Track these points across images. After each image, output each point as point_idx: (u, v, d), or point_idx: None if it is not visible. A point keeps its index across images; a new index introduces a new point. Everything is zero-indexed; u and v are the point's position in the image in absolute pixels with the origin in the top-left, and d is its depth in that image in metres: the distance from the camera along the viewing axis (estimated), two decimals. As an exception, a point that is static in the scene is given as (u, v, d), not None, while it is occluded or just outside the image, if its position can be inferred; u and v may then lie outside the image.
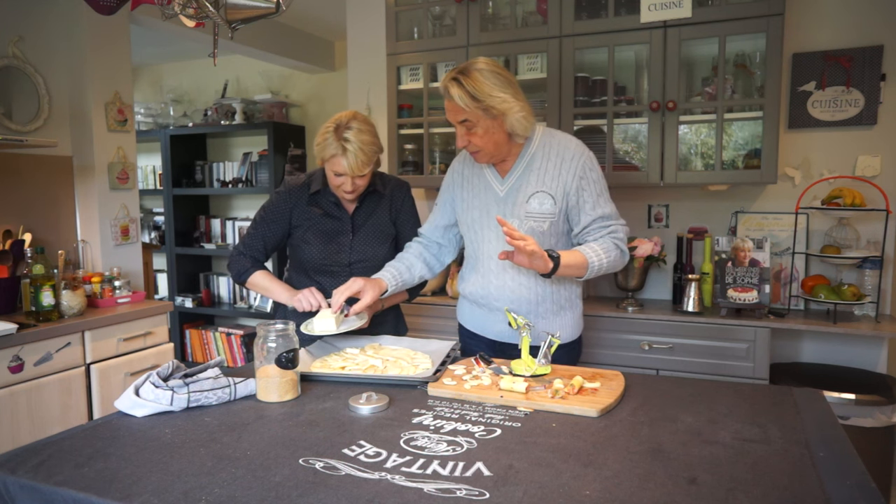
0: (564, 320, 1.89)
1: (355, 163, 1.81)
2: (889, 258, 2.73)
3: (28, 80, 2.96)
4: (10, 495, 1.06)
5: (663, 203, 3.08)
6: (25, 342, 2.41)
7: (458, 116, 1.73)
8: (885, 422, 2.37)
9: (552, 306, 1.86)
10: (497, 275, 1.86)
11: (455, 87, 1.69)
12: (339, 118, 1.85)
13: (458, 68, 1.74)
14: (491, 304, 1.89)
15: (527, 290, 1.84)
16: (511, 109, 1.70)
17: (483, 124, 1.72)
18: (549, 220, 1.79)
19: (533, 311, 1.85)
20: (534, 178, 1.81)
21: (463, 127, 1.74)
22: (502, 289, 1.85)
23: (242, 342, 4.70)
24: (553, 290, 1.85)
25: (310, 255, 1.98)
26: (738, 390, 1.50)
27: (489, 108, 1.69)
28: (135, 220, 3.38)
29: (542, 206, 1.79)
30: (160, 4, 1.87)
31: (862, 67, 2.69)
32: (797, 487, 1.00)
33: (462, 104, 1.69)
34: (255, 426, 1.28)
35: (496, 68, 1.72)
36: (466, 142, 1.76)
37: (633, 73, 2.99)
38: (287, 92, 4.77)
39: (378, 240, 2.02)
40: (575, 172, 1.78)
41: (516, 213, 1.81)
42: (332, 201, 1.98)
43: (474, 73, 1.69)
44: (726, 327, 2.59)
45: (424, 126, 3.11)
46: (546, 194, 1.79)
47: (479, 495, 0.98)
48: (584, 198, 1.79)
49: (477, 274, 1.91)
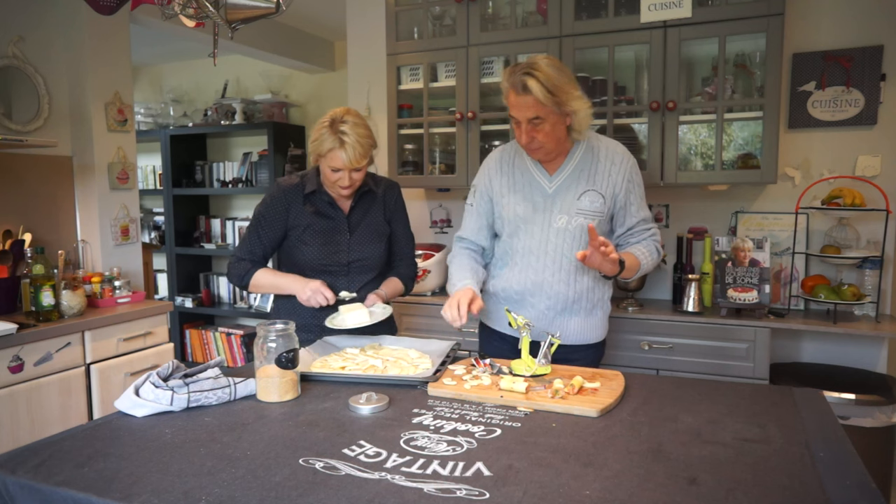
0: (595, 319, 1.93)
1: (353, 155, 1.82)
2: (889, 258, 2.73)
3: (28, 80, 2.96)
4: (10, 495, 1.06)
5: (663, 203, 3.08)
6: (25, 342, 2.41)
7: (530, 112, 1.71)
8: (885, 422, 2.37)
9: (587, 304, 1.90)
10: (536, 270, 1.87)
11: (533, 81, 1.67)
12: (334, 114, 1.87)
13: (525, 64, 1.72)
14: (526, 299, 1.89)
15: (566, 286, 1.86)
16: (582, 107, 1.75)
17: (552, 120, 1.73)
18: (597, 217, 1.84)
19: (569, 308, 1.88)
20: (584, 177, 1.85)
21: (530, 124, 1.73)
22: (541, 284, 1.87)
23: (242, 342, 4.70)
24: (589, 288, 1.89)
25: (308, 256, 1.98)
26: (738, 390, 1.50)
27: (563, 104, 1.71)
28: (135, 220, 3.38)
29: (592, 205, 1.84)
30: (160, 4, 1.87)
31: (862, 67, 2.69)
32: (797, 487, 1.00)
33: (542, 98, 1.67)
34: (255, 426, 1.28)
35: (562, 65, 1.75)
36: (531, 138, 1.76)
37: (633, 73, 2.99)
38: (287, 92, 4.77)
39: (374, 239, 2.03)
40: (624, 175, 1.85)
41: (566, 210, 1.84)
42: (326, 201, 1.98)
43: (545, 68, 1.69)
44: (726, 327, 2.59)
45: (424, 126, 3.11)
46: (597, 193, 1.84)
47: (479, 495, 0.98)
48: (631, 200, 1.87)
49: (513, 269, 1.91)
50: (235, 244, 4.78)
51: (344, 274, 1.99)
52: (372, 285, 2.04)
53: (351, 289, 1.98)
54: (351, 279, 2.00)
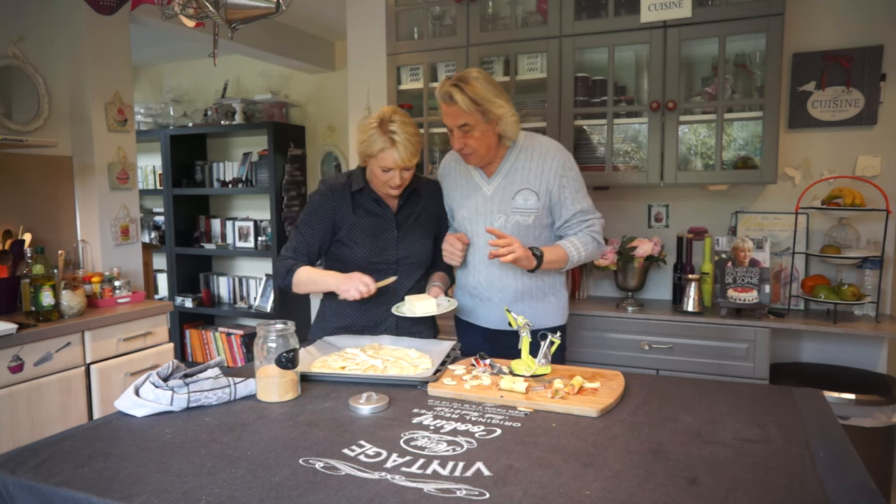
0: (549, 306, 2.06)
1: (405, 154, 1.83)
2: (889, 258, 2.73)
3: (28, 80, 2.96)
4: (10, 495, 1.06)
5: (663, 203, 3.08)
6: (25, 342, 2.41)
7: (458, 121, 1.90)
8: (885, 422, 2.37)
9: (537, 293, 2.04)
10: (486, 267, 2.03)
11: (458, 93, 1.86)
12: (382, 114, 1.87)
13: (455, 77, 1.91)
14: (482, 294, 2.06)
15: (512, 279, 2.02)
16: (506, 115, 1.90)
17: (480, 128, 1.90)
18: (533, 214, 1.98)
19: (519, 298, 2.02)
20: (519, 177, 1.99)
21: (460, 131, 1.91)
22: (491, 279, 2.03)
23: (242, 342, 4.70)
24: (536, 279, 2.02)
25: (357, 255, 1.96)
26: (738, 390, 1.50)
27: (487, 111, 1.88)
28: (135, 220, 3.38)
29: (526, 202, 1.97)
30: (160, 4, 1.87)
31: (862, 67, 2.69)
32: (797, 487, 1.00)
33: (465, 108, 1.86)
34: (255, 426, 1.28)
35: (489, 77, 1.93)
36: (463, 144, 1.93)
37: (633, 73, 2.99)
38: (287, 92, 4.76)
39: (422, 236, 2.04)
40: (556, 171, 1.97)
41: (503, 210, 1.99)
42: (373, 199, 1.98)
43: (472, 81, 1.88)
44: (726, 327, 2.59)
45: (424, 126, 3.11)
46: (530, 191, 1.97)
47: (479, 495, 0.98)
48: (565, 194, 1.98)
49: (469, 267, 2.08)
50: (236, 244, 4.79)
51: (392, 272, 1.98)
52: (422, 282, 2.06)
53: (400, 287, 1.97)
54: (400, 277, 1.99)
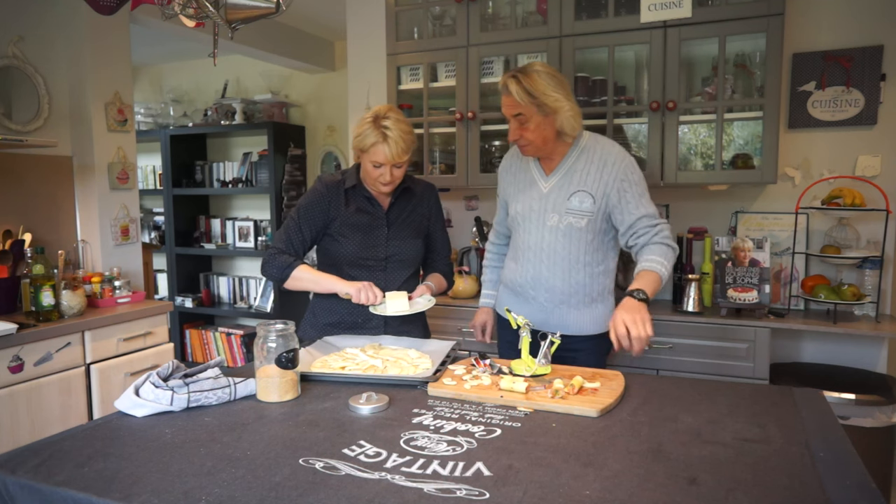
0: (595, 312, 1.99)
1: (395, 150, 1.84)
2: (889, 258, 2.73)
3: (28, 80, 2.96)
4: (10, 495, 1.06)
5: (663, 203, 3.08)
6: (25, 342, 2.41)
7: (513, 110, 1.88)
8: (885, 422, 2.37)
9: (584, 298, 1.97)
10: (534, 265, 1.98)
11: (513, 83, 1.85)
12: (377, 110, 1.90)
13: (517, 68, 1.91)
14: (527, 292, 2.01)
15: (560, 280, 1.96)
16: (562, 108, 1.86)
17: (535, 120, 1.87)
18: (587, 217, 1.92)
19: (566, 301, 1.97)
20: (577, 177, 1.94)
21: (516, 121, 1.89)
22: (538, 278, 1.98)
23: (242, 342, 4.70)
24: (585, 283, 1.96)
25: (346, 250, 1.98)
26: (738, 390, 1.50)
27: (543, 104, 1.84)
28: (135, 220, 3.38)
29: (581, 204, 1.92)
30: (160, 4, 1.87)
31: (862, 67, 2.69)
32: (797, 487, 1.00)
33: (518, 99, 1.84)
34: (255, 426, 1.28)
35: (552, 71, 1.89)
36: (518, 135, 1.91)
37: (633, 73, 2.99)
38: (287, 92, 4.76)
39: (412, 235, 2.04)
40: (616, 175, 1.90)
41: (557, 209, 1.95)
42: (366, 197, 2.00)
43: (532, 73, 1.86)
44: (726, 327, 2.59)
45: (424, 126, 3.10)
46: (586, 193, 1.92)
47: (479, 495, 0.98)
48: (627, 199, 1.90)
49: (517, 263, 2.05)
50: (236, 244, 4.78)
51: (381, 269, 1.99)
52: (410, 282, 2.06)
53: (388, 284, 1.98)
54: (388, 274, 2.00)
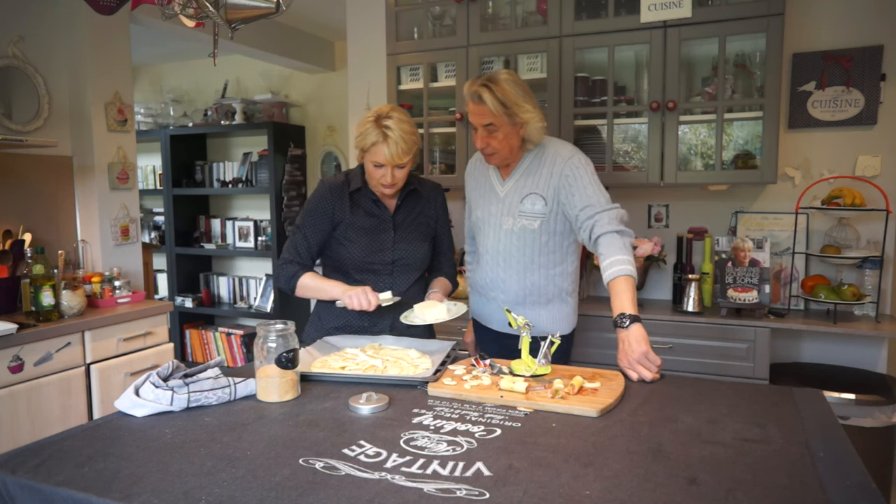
0: (552, 312, 2.02)
1: (396, 150, 1.81)
2: (889, 258, 2.73)
3: (28, 80, 2.96)
4: (10, 495, 1.06)
5: (663, 203, 3.08)
6: (25, 342, 2.41)
7: (484, 120, 1.88)
8: (885, 422, 2.37)
9: (539, 298, 2.01)
10: (492, 268, 2.04)
11: (487, 93, 1.84)
12: (379, 110, 1.87)
13: (484, 77, 1.89)
14: (489, 293, 2.08)
15: (515, 282, 2.00)
16: (532, 119, 1.88)
17: (505, 129, 1.88)
18: (539, 219, 1.95)
19: (521, 301, 2.01)
20: (530, 181, 1.97)
21: (485, 130, 1.89)
22: (496, 280, 2.04)
23: (242, 342, 4.70)
24: (541, 284, 2.00)
25: (352, 254, 1.95)
26: (738, 390, 1.50)
27: (514, 115, 1.86)
28: (135, 220, 3.38)
29: (533, 207, 1.95)
30: (160, 4, 1.87)
31: (862, 67, 2.69)
32: (797, 487, 1.00)
33: (493, 109, 1.84)
34: (255, 426, 1.28)
35: (517, 79, 1.90)
36: (485, 143, 1.92)
37: (633, 73, 2.99)
38: (287, 92, 4.76)
39: (419, 238, 2.02)
40: (561, 172, 1.92)
41: (512, 213, 1.99)
42: (371, 199, 1.96)
43: (502, 82, 1.86)
44: (726, 327, 2.59)
45: (424, 126, 3.11)
46: (538, 196, 1.95)
47: (479, 495, 0.98)
48: (571, 192, 1.90)
49: (479, 265, 2.11)
50: (236, 244, 4.78)
51: (388, 273, 1.96)
52: (417, 285, 2.03)
53: (395, 288, 1.94)
54: (395, 278, 1.97)
